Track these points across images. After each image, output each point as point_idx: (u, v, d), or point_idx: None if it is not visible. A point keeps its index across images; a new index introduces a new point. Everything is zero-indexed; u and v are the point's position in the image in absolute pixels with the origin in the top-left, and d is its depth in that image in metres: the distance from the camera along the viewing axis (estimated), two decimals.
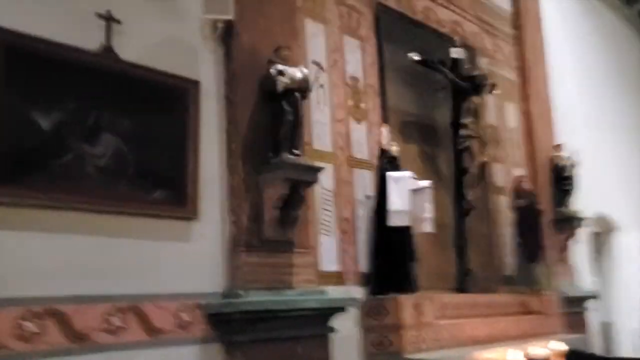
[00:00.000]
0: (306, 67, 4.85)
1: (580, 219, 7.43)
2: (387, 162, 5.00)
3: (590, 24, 10.20)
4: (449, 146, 6.14)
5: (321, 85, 5.01)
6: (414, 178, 4.88)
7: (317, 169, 4.25)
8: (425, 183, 5.08)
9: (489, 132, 7.05)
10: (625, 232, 9.71)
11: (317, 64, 5.02)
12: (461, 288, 5.83)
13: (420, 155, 5.92)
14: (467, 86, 5.91)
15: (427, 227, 5.08)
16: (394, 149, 5.07)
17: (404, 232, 4.88)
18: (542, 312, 6.27)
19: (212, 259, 3.92)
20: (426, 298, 4.82)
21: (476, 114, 5.89)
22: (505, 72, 7.55)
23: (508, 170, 7.21)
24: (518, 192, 6.67)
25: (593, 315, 8.12)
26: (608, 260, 9.65)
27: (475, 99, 5.89)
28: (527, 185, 7.23)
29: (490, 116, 7.15)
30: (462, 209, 5.94)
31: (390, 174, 4.85)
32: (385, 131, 5.11)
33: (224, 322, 3.78)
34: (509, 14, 7.84)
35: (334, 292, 4.53)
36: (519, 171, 7.29)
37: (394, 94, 5.71)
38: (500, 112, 7.35)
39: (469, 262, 6.02)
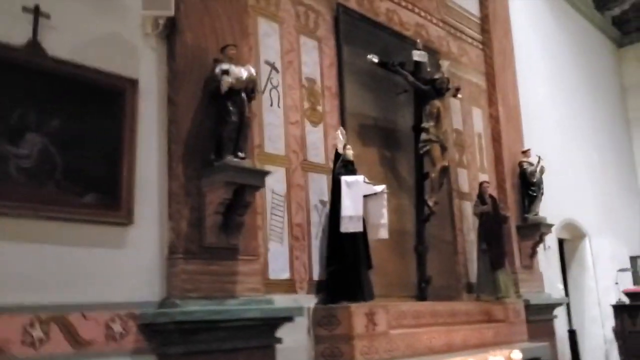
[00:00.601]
0: (258, 67, 4.72)
1: (547, 226, 7.34)
2: (342, 166, 4.85)
3: (561, 30, 10.19)
4: (411, 150, 6.01)
5: (274, 87, 4.86)
6: (368, 182, 4.72)
7: (264, 173, 4.09)
8: (381, 188, 4.93)
9: (455, 137, 6.95)
10: (595, 239, 9.67)
11: (270, 64, 4.87)
12: (421, 296, 5.68)
13: (380, 160, 5.77)
14: (429, 89, 5.78)
15: (383, 234, 4.94)
16: (350, 152, 4.92)
17: (359, 239, 4.73)
18: (505, 321, 6.15)
19: (148, 267, 3.72)
20: (380, 307, 4.67)
21: (438, 118, 5.75)
22: (472, 77, 7.46)
23: (474, 175, 7.11)
24: (482, 198, 6.56)
25: (561, 323, 8.03)
26: (577, 267, 9.59)
27: (437, 103, 5.75)
28: (491, 190, 7.15)
29: (456, 121, 7.05)
30: (422, 214, 5.79)
31: (343, 178, 4.70)
32: (340, 134, 4.95)
33: (159, 333, 3.59)
34: (477, 18, 7.75)
35: (282, 301, 4.37)
36: (485, 177, 7.19)
37: (353, 97, 5.56)
38: (466, 116, 7.25)
39: (430, 269, 5.87)
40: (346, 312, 4.44)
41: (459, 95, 6.54)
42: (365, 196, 4.93)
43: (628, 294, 7.36)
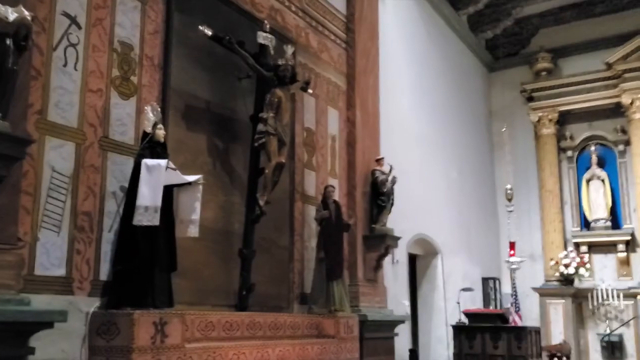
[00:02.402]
0: (52, 18, 3.91)
1: (394, 238, 7.02)
2: (148, 147, 4.11)
3: (433, 44, 10.12)
4: (249, 143, 5.39)
5: (72, 44, 4.04)
6: (173, 168, 4.02)
7: (24, 142, 3.28)
8: (195, 178, 4.26)
9: (305, 136, 6.46)
10: (448, 257, 9.61)
11: (71, 17, 4.05)
12: (241, 305, 5.05)
13: (209, 149, 5.10)
14: (271, 76, 5.21)
15: (192, 231, 4.27)
16: (160, 132, 4.20)
17: (158, 234, 4.00)
18: (336, 336, 5.68)
19: None
20: (175, 315, 3.97)
21: (279, 108, 5.19)
22: (331, 75, 7.02)
23: (323, 179, 6.64)
24: (326, 203, 6.09)
25: (403, 342, 7.76)
26: (427, 284, 9.47)
27: (279, 92, 5.19)
28: (341, 197, 6.74)
29: (308, 119, 6.56)
30: (252, 214, 5.18)
31: (144, 161, 3.96)
32: (150, 110, 4.22)
33: None
34: (342, 16, 7.35)
35: (50, 302, 3.58)
36: (335, 182, 6.76)
37: (181, 73, 4.87)
38: (321, 116, 6.79)
39: (258, 276, 5.27)
40: (128, 319, 3.70)
41: (310, 90, 6.05)
42: (176, 186, 4.27)
43: (468, 315, 7.25)
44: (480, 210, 11.44)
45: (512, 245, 9.77)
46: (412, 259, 9.22)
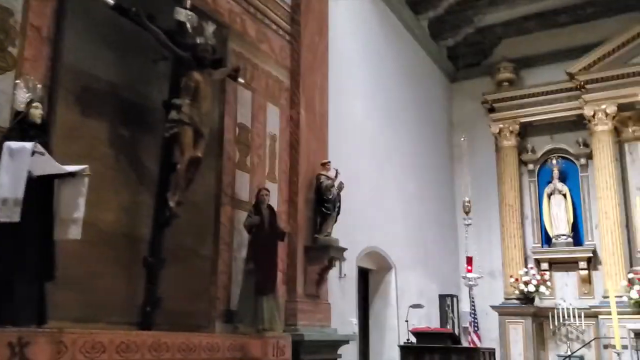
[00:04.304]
0: None
1: (338, 249, 6.35)
2: (18, 128, 3.37)
3: (392, 49, 9.61)
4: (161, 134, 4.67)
5: None
6: (41, 152, 3.26)
7: None
8: (78, 168, 3.53)
9: (238, 133, 5.78)
10: (402, 272, 8.98)
11: None
12: (145, 323, 4.29)
13: (111, 139, 4.35)
14: (188, 57, 4.52)
15: (73, 233, 3.51)
16: (37, 112, 3.46)
17: (26, 234, 3.25)
18: (263, 359, 4.96)
19: None
20: (40, 334, 3.20)
21: (196, 95, 4.50)
22: (272, 69, 6.37)
23: (259, 182, 5.94)
24: (259, 208, 5.40)
25: None
26: (380, 301, 8.80)
27: (196, 76, 4.50)
28: (282, 203, 6.08)
29: (243, 114, 5.88)
30: (162, 216, 4.45)
31: (6, 144, 3.22)
32: (24, 84, 3.48)
33: None
34: (286, 6, 6.73)
35: None
36: (274, 186, 6.09)
37: (78, 49, 4.14)
38: (258, 112, 6.12)
39: (173, 290, 4.53)
40: None
41: (240, 80, 5.38)
42: (56, 177, 3.52)
43: (416, 334, 6.61)
44: (438, 224, 10.89)
45: (469, 261, 9.22)
46: (365, 274, 8.58)
